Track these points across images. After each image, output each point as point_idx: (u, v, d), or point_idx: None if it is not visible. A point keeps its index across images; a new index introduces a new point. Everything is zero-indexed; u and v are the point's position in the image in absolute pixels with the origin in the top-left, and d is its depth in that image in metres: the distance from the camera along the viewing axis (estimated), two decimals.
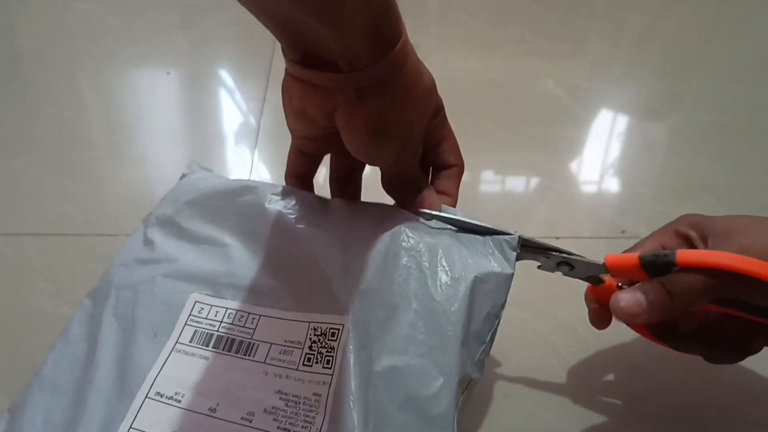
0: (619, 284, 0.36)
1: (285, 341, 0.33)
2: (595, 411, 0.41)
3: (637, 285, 0.33)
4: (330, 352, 0.31)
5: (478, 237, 0.35)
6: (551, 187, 0.59)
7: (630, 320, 0.32)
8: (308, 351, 0.32)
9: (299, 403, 0.31)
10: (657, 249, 0.36)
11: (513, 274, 0.34)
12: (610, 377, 0.43)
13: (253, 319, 0.34)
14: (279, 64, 0.73)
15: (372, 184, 0.39)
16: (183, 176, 0.43)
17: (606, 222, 0.55)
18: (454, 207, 0.39)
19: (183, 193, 0.40)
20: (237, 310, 0.34)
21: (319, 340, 0.32)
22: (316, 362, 0.31)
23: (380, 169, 0.37)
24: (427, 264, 0.33)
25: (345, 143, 0.35)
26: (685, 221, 0.36)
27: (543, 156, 0.62)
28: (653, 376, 0.43)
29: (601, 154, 0.63)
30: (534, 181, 0.60)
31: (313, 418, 0.30)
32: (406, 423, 0.29)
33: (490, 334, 0.33)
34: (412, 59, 0.33)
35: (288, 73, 0.33)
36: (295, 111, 0.34)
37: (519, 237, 0.35)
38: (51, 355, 0.35)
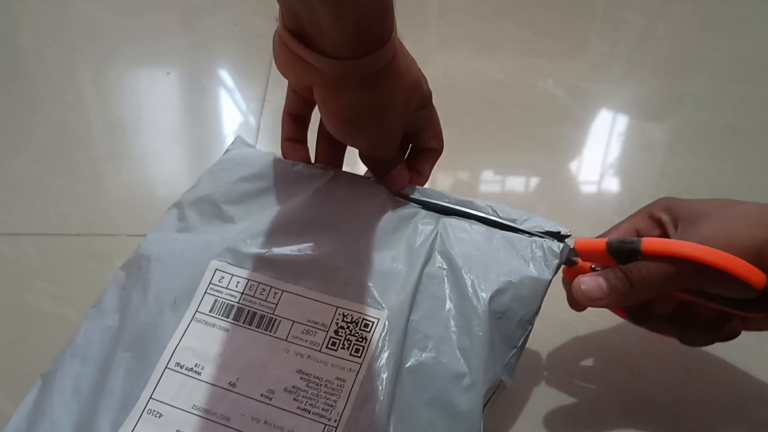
0: (593, 266, 0.37)
1: (308, 321, 0.32)
2: (595, 411, 0.41)
3: (600, 271, 0.34)
4: (361, 341, 0.31)
5: (523, 237, 0.35)
6: (551, 187, 0.59)
7: (589, 303, 0.33)
8: (333, 335, 0.32)
9: (321, 386, 0.30)
10: (631, 232, 0.37)
11: (551, 280, 0.34)
12: (611, 378, 0.43)
13: (275, 293, 0.33)
14: None
15: None
16: (227, 151, 0.42)
17: (606, 222, 0.54)
18: (424, 184, 0.40)
19: (224, 171, 0.40)
20: (259, 283, 0.33)
21: (347, 327, 0.32)
22: (342, 348, 0.31)
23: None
24: (462, 265, 0.33)
25: (322, 119, 0.35)
26: (660, 204, 0.37)
27: (543, 156, 0.62)
28: (653, 376, 0.43)
29: (601, 154, 0.63)
30: (534, 181, 0.60)
31: (335, 402, 0.30)
32: (431, 420, 0.30)
33: (522, 339, 0.33)
34: (398, 57, 0.33)
35: (278, 32, 0.33)
36: (276, 63, 0.34)
37: (566, 247, 0.35)
38: (84, 325, 0.35)
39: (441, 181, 0.59)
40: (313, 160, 0.41)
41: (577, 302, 0.36)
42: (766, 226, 0.31)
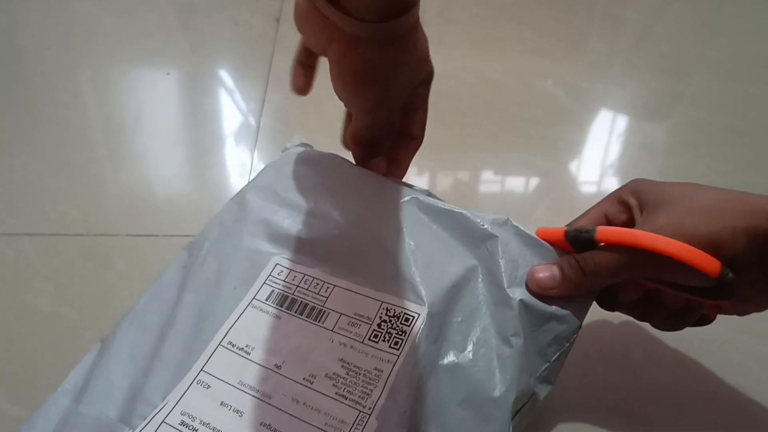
0: None
1: (355, 314, 0.34)
2: (595, 411, 0.41)
3: (556, 260, 0.34)
4: (401, 335, 0.32)
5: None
6: (551, 187, 0.59)
7: (542, 292, 0.33)
8: (376, 328, 0.33)
9: (360, 374, 0.32)
10: (600, 217, 0.37)
11: (591, 303, 0.35)
12: (610, 377, 0.43)
13: (328, 288, 0.35)
14: (279, 65, 0.74)
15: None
16: (285, 149, 0.44)
17: None
18: (403, 176, 0.42)
19: (285, 165, 0.42)
20: (314, 278, 0.35)
21: (390, 320, 0.33)
22: (383, 340, 0.32)
23: (353, 117, 0.39)
24: (509, 273, 0.34)
25: (331, 77, 0.36)
26: (629, 188, 0.37)
27: (543, 156, 0.62)
28: (654, 378, 0.43)
29: (600, 154, 0.63)
30: (534, 181, 0.60)
31: (371, 390, 0.31)
32: (462, 419, 0.31)
33: (557, 354, 0.34)
34: (417, 28, 0.35)
35: None
36: (296, 18, 0.36)
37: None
38: (144, 296, 0.37)
39: (441, 181, 0.59)
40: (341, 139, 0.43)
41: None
42: (724, 217, 0.31)
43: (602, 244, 0.33)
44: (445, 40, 0.80)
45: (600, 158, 0.62)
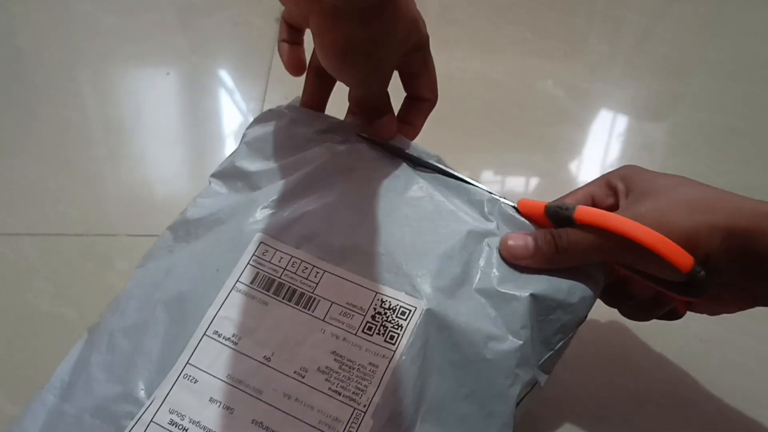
0: None
1: (347, 303, 0.32)
2: (593, 409, 0.41)
3: (531, 231, 0.34)
4: (396, 329, 0.31)
5: None
6: (551, 187, 0.59)
7: (513, 260, 0.33)
8: (370, 320, 0.31)
9: (353, 369, 0.30)
10: (587, 198, 0.37)
11: (597, 296, 0.34)
12: (609, 376, 0.43)
13: (317, 273, 0.33)
14: (279, 65, 0.73)
15: None
16: (271, 111, 0.42)
17: None
18: (414, 138, 0.40)
19: (267, 136, 0.39)
20: (301, 261, 0.33)
21: (385, 313, 0.31)
22: (377, 333, 0.31)
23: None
24: (510, 264, 0.33)
25: (315, 48, 0.35)
26: (619, 173, 0.36)
27: (543, 156, 0.62)
28: (651, 375, 0.43)
29: (600, 154, 0.63)
30: (534, 181, 0.60)
31: (366, 387, 0.30)
32: (467, 414, 0.30)
33: (561, 343, 0.33)
34: None
35: None
36: None
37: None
38: (129, 282, 0.35)
39: None
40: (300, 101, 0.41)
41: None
42: (704, 213, 0.31)
43: (579, 223, 0.33)
44: (446, 41, 0.80)
45: (600, 158, 0.62)
